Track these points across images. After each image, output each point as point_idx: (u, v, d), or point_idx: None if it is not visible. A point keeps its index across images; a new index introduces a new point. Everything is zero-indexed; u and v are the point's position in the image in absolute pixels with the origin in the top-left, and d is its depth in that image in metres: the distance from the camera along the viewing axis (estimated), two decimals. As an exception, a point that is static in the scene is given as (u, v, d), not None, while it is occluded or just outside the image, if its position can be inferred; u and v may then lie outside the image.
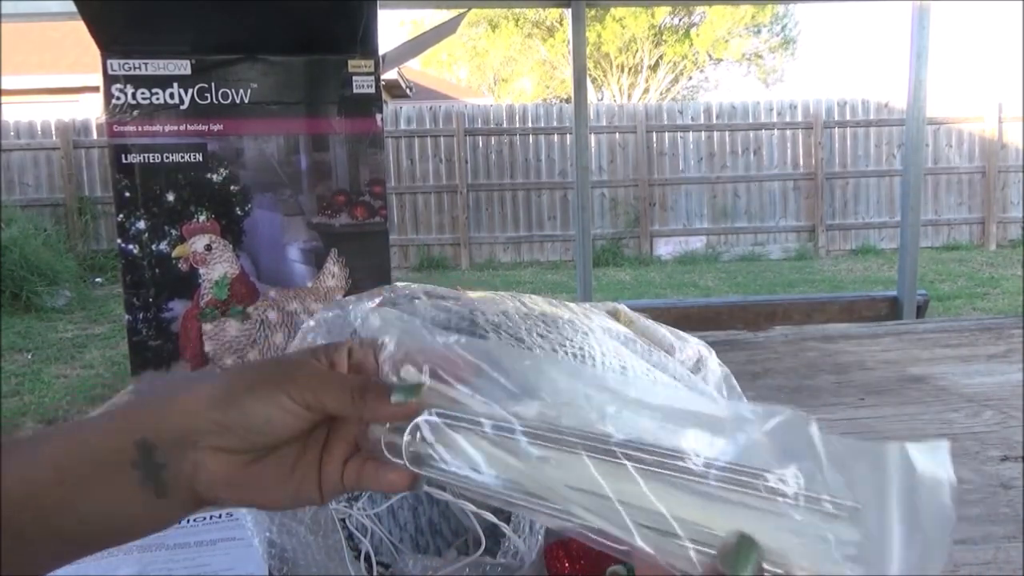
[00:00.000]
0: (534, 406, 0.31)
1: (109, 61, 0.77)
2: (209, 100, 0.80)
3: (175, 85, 0.79)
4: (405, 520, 0.57)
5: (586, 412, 0.30)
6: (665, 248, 7.82)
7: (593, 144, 7.47)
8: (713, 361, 0.69)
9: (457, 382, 0.32)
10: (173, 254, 0.80)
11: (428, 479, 0.33)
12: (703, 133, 7.74)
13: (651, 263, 7.58)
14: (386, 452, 0.33)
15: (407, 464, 0.32)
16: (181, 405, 0.32)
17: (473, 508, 0.52)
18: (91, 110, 7.94)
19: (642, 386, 0.33)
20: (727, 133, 7.74)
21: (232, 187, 0.81)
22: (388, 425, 0.33)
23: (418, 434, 0.32)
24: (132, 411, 0.34)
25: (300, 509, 0.56)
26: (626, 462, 0.28)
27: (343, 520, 0.53)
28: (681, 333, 0.71)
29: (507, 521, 0.51)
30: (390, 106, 8.18)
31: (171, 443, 0.32)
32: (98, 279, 6.66)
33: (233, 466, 0.32)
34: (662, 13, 13.77)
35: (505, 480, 0.30)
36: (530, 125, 7.64)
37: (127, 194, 0.79)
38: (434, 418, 0.32)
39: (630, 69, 14.56)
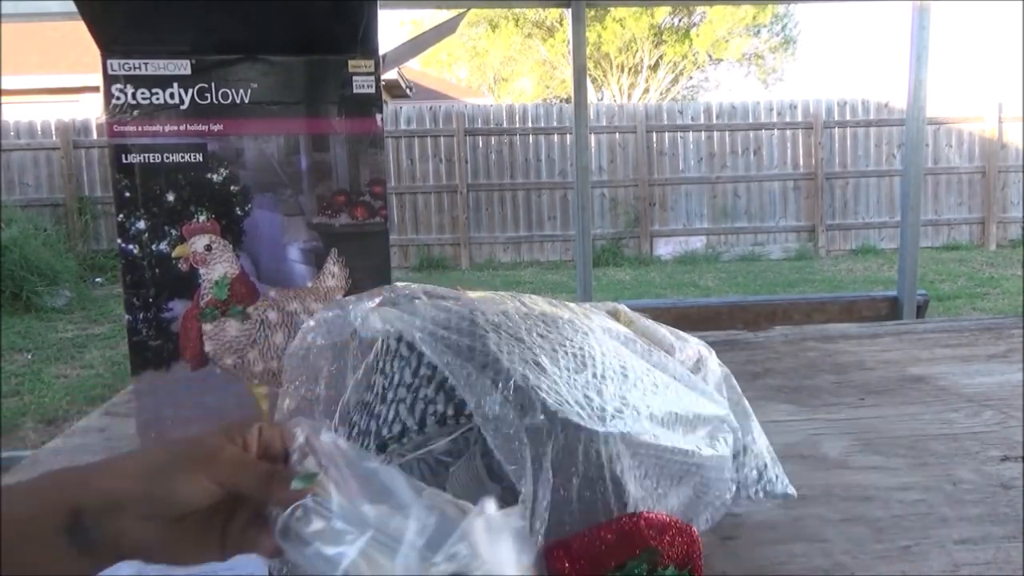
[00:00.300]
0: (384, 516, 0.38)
1: (109, 61, 0.77)
2: (209, 100, 0.80)
3: (175, 85, 0.79)
4: (405, 520, 0.57)
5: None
6: (665, 248, 7.81)
7: (593, 144, 7.47)
8: (713, 361, 0.69)
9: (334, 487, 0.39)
10: (173, 254, 0.80)
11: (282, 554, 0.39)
12: (703, 133, 7.74)
13: (651, 263, 7.58)
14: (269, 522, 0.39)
15: (276, 535, 0.38)
16: (111, 474, 0.37)
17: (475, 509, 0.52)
18: (91, 110, 7.94)
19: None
20: (727, 133, 7.74)
21: (232, 187, 0.81)
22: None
23: (296, 513, 0.38)
24: (64, 476, 0.37)
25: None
26: None
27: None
28: (681, 333, 0.71)
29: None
30: (390, 106, 8.18)
31: (100, 508, 0.36)
32: (98, 279, 6.66)
33: (150, 530, 0.37)
34: (662, 13, 13.76)
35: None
36: (530, 125, 7.64)
37: (127, 194, 0.79)
38: (309, 502, 0.38)
39: (630, 69, 14.56)
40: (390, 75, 9.22)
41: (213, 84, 0.80)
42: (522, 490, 0.50)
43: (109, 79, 0.77)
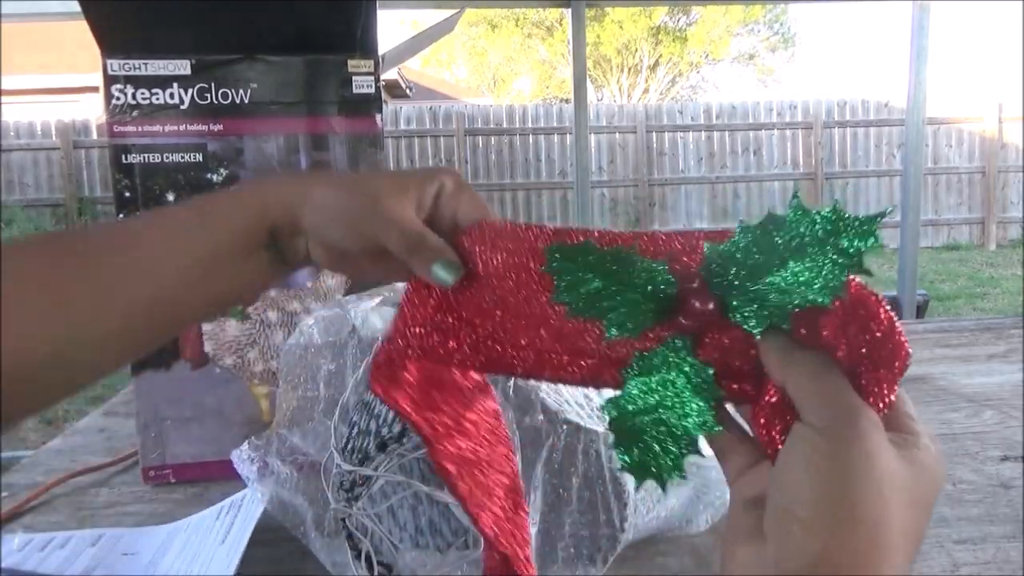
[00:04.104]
0: None
1: (109, 61, 0.77)
2: (209, 100, 0.80)
3: (175, 85, 0.79)
4: (405, 520, 0.57)
5: None
6: (665, 248, 7.81)
7: (593, 144, 7.47)
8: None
9: None
10: (173, 254, 0.80)
11: None
12: (703, 133, 7.74)
13: (651, 263, 7.57)
14: None
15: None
16: (294, 205, 0.39)
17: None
18: (91, 110, 7.94)
19: None
20: (727, 133, 7.74)
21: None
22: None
23: None
24: (254, 203, 0.39)
25: (302, 510, 0.56)
26: None
27: (343, 520, 0.53)
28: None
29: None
30: (390, 106, 8.18)
31: (289, 230, 0.39)
32: (98, 279, 6.65)
33: (328, 255, 0.40)
34: (659, 14, 13.76)
35: None
36: (530, 125, 7.64)
37: (127, 194, 0.79)
38: None
39: (630, 69, 14.56)
40: (390, 75, 9.21)
41: (213, 84, 0.80)
42: (522, 490, 0.50)
43: (109, 79, 0.77)
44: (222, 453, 0.76)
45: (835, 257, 0.30)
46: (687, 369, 0.34)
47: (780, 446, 0.31)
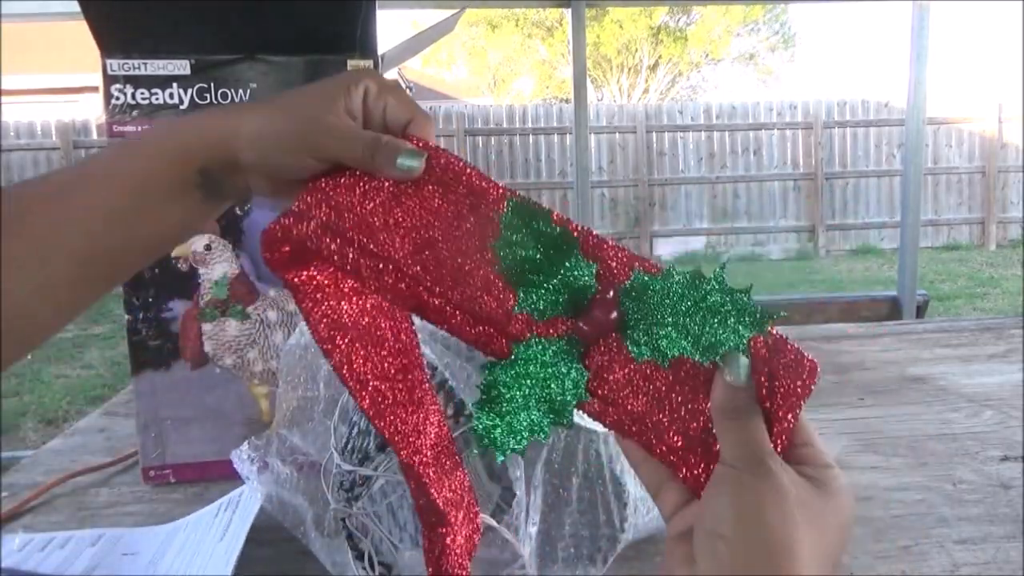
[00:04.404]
0: None
1: (109, 61, 0.77)
2: (209, 100, 0.80)
3: (175, 85, 0.79)
4: (405, 520, 0.57)
5: None
6: (665, 248, 7.81)
7: (593, 144, 7.47)
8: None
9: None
10: (173, 254, 0.80)
11: None
12: (703, 133, 7.74)
13: (651, 263, 7.57)
14: None
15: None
16: (225, 140, 0.38)
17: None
18: (91, 110, 7.94)
19: None
20: (727, 133, 7.74)
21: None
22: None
23: None
24: (175, 146, 0.39)
25: (302, 510, 0.56)
26: None
27: (343, 520, 0.53)
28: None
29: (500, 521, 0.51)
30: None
31: (223, 167, 0.39)
32: (98, 279, 6.65)
33: (271, 185, 0.40)
34: (659, 14, 13.76)
35: None
36: (530, 125, 7.64)
37: (127, 194, 0.79)
38: None
39: (630, 69, 14.56)
40: (390, 75, 9.19)
41: (212, 84, 0.80)
42: (518, 491, 0.50)
43: (109, 79, 0.77)
44: (222, 453, 0.76)
45: (723, 333, 0.35)
46: (567, 368, 0.36)
47: (703, 483, 0.35)
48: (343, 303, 0.38)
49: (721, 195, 7.79)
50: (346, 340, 0.38)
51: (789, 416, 0.35)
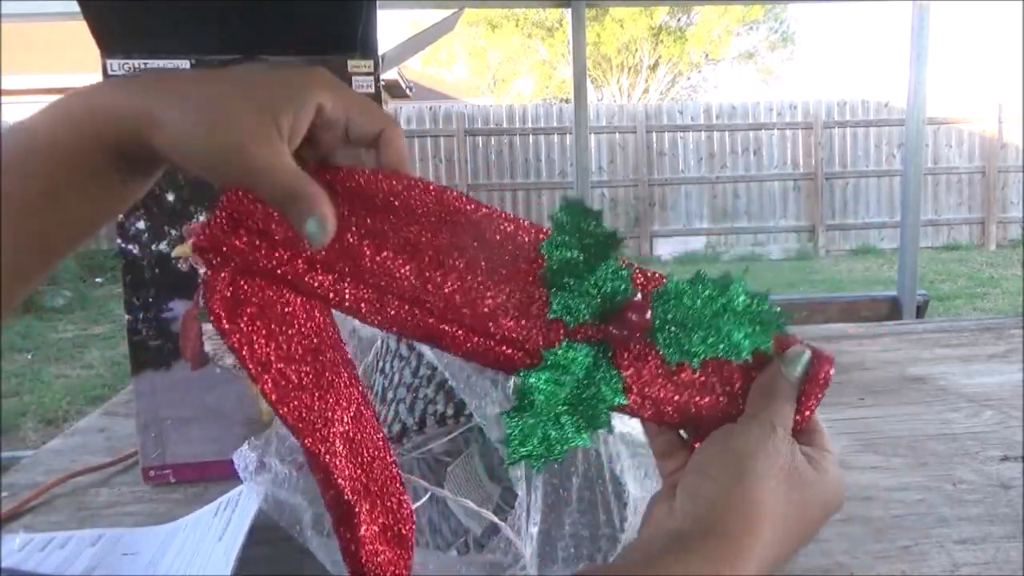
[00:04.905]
0: None
1: (109, 61, 0.77)
2: (209, 100, 0.80)
3: (175, 85, 0.79)
4: (405, 520, 0.57)
5: None
6: (665, 248, 7.82)
7: (593, 144, 7.47)
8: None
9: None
10: (173, 254, 0.80)
11: None
12: (703, 133, 7.74)
13: (651, 263, 7.58)
14: None
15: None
16: (142, 130, 0.35)
17: (474, 507, 0.52)
18: (91, 110, 7.92)
19: None
20: (727, 133, 7.74)
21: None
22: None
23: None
24: (87, 132, 0.36)
25: (301, 510, 0.56)
26: None
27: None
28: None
29: (505, 519, 0.51)
30: (390, 106, 8.17)
31: (139, 152, 0.36)
32: (98, 279, 6.66)
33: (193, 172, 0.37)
34: (659, 14, 13.76)
35: None
36: (530, 125, 7.64)
37: (127, 194, 0.79)
38: None
39: (630, 69, 14.56)
40: (390, 75, 9.21)
41: (213, 84, 0.80)
42: (519, 491, 0.50)
43: (109, 79, 0.77)
44: (222, 453, 0.76)
45: (746, 332, 0.37)
46: (602, 371, 0.37)
47: None
48: (244, 278, 0.36)
49: (721, 195, 7.80)
50: (245, 318, 0.35)
51: (811, 402, 0.38)
